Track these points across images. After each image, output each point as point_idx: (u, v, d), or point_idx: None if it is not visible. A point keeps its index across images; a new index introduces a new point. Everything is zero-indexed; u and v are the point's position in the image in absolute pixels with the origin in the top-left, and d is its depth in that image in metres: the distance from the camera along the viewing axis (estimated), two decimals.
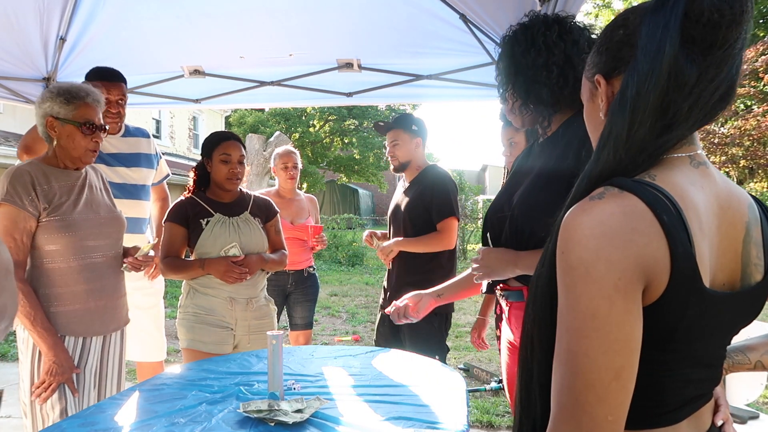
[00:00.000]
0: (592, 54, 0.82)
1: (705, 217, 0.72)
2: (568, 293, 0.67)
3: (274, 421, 1.45)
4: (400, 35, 3.09)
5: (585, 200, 0.70)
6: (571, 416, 0.66)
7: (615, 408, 0.66)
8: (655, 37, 0.68)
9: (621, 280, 0.65)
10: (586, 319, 0.65)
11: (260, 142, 9.01)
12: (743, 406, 2.25)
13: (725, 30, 0.67)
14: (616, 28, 0.78)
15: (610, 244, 0.65)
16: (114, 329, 2.03)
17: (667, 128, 0.70)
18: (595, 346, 0.65)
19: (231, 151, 2.36)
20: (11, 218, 1.78)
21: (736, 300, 0.76)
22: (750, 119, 13.26)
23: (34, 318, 1.77)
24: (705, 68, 0.68)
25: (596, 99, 0.81)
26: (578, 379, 0.66)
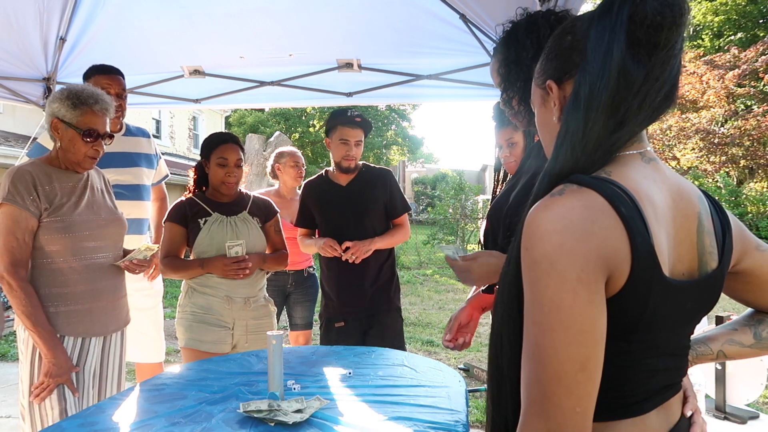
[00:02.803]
0: (542, 61, 0.86)
1: (660, 209, 0.75)
2: (532, 288, 0.69)
3: (274, 421, 1.45)
4: (399, 35, 3.09)
5: (546, 197, 0.72)
6: (540, 409, 0.68)
7: (582, 399, 0.67)
8: (603, 40, 0.72)
9: (584, 272, 0.67)
10: (551, 312, 0.67)
11: (260, 142, 9.02)
12: (743, 406, 2.25)
13: (667, 31, 0.72)
14: (564, 34, 0.81)
15: (572, 237, 0.67)
16: (114, 330, 2.03)
17: (619, 125, 0.74)
18: (560, 338, 0.67)
19: (228, 155, 2.35)
20: (13, 218, 1.79)
21: (696, 288, 0.79)
22: (750, 119, 13.25)
23: (34, 319, 1.77)
24: (651, 68, 0.73)
25: (548, 104, 0.85)
26: (546, 371, 0.67)
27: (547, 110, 0.85)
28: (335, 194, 2.67)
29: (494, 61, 1.44)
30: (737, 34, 17.06)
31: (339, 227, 2.61)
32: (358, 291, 2.61)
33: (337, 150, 2.62)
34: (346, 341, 2.57)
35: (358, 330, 2.65)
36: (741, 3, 16.98)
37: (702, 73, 13.73)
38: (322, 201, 2.69)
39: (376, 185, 2.68)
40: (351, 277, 2.60)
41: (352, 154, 2.60)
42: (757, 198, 12.53)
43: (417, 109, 22.08)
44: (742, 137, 13.27)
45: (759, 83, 13.68)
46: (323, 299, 2.75)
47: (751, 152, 13.48)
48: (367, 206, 2.65)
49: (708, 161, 14.00)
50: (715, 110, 14.01)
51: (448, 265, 1.19)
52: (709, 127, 13.84)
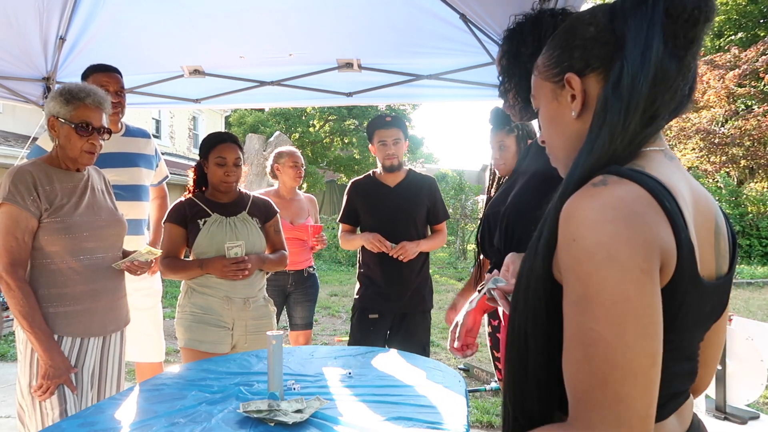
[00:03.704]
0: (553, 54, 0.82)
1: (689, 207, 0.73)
2: (587, 281, 0.64)
3: (274, 421, 1.45)
4: (399, 35, 3.09)
5: (587, 187, 0.69)
6: (607, 414, 0.62)
7: (654, 399, 0.63)
8: (642, 33, 0.71)
9: (646, 262, 0.63)
10: (616, 304, 0.62)
11: (260, 142, 9.02)
12: (743, 406, 2.25)
13: (702, 26, 0.72)
14: (585, 25, 0.78)
15: (628, 227, 0.64)
16: (113, 330, 2.03)
17: (651, 120, 0.73)
18: (631, 331, 0.62)
19: (226, 154, 2.36)
20: (13, 217, 1.78)
21: (713, 291, 0.77)
22: (750, 119, 13.25)
23: (32, 319, 1.76)
24: (684, 62, 0.73)
25: (562, 98, 0.81)
26: (616, 370, 0.61)
27: (561, 105, 0.81)
28: (383, 194, 2.83)
29: (499, 50, 1.45)
30: (738, 34, 17.06)
31: (385, 227, 2.76)
32: (396, 289, 2.75)
33: (379, 152, 2.80)
34: (376, 334, 2.74)
35: (388, 325, 2.80)
36: (741, 3, 16.98)
37: (702, 73, 13.72)
38: (370, 200, 2.85)
39: (422, 190, 2.86)
40: (392, 274, 2.75)
41: (391, 152, 2.77)
42: (757, 198, 12.54)
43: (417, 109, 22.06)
44: (742, 137, 13.27)
45: (759, 83, 13.68)
46: (361, 290, 2.86)
47: (751, 152, 13.48)
48: (413, 209, 2.82)
49: (708, 161, 14.01)
50: (716, 110, 14.01)
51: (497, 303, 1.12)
52: (710, 127, 13.84)
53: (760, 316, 6.83)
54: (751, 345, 2.18)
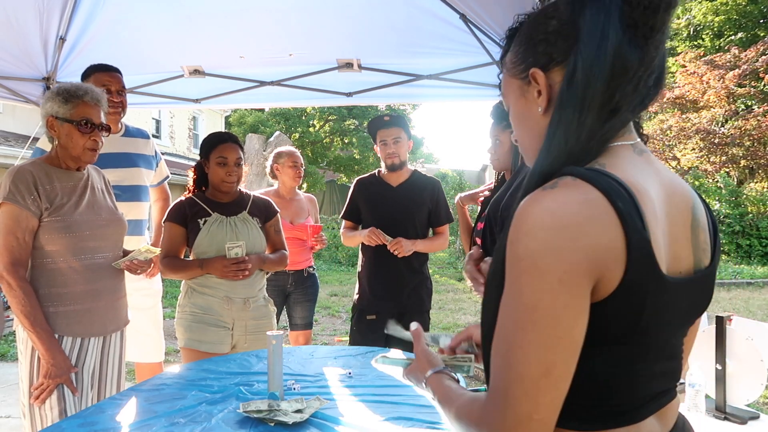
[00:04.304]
0: (519, 49, 0.80)
1: (656, 203, 0.71)
2: (512, 284, 0.66)
3: (274, 421, 1.45)
4: (399, 35, 3.09)
5: (537, 191, 0.68)
6: (497, 408, 0.65)
7: (542, 406, 0.64)
8: (598, 22, 0.68)
9: (567, 273, 0.63)
10: (526, 311, 0.64)
11: (260, 142, 9.02)
12: (743, 406, 2.25)
13: (663, 13, 0.69)
14: (548, 19, 0.76)
15: (561, 235, 0.63)
16: (113, 330, 2.03)
17: (613, 113, 0.70)
18: (530, 339, 0.63)
19: (227, 154, 2.36)
20: (14, 217, 1.79)
21: (692, 287, 0.76)
22: (750, 119, 13.25)
23: (33, 319, 1.76)
24: (646, 52, 0.69)
25: (529, 95, 0.79)
26: (509, 371, 0.65)
27: (528, 101, 0.79)
28: (385, 193, 2.84)
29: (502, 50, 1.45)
30: (738, 34, 17.06)
31: (384, 224, 2.76)
32: (393, 288, 2.76)
33: (381, 152, 2.82)
34: (375, 334, 2.73)
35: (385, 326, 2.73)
36: (741, 3, 16.98)
37: (702, 73, 13.73)
38: (372, 198, 2.87)
39: (425, 191, 2.86)
40: (388, 273, 2.76)
41: (391, 151, 2.78)
42: (757, 198, 12.53)
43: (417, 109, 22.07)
44: (742, 137, 13.27)
45: (759, 83, 13.68)
46: (358, 291, 2.88)
47: (751, 152, 13.47)
48: (413, 209, 2.82)
49: (708, 161, 14.00)
50: (716, 110, 14.00)
51: None
52: (710, 127, 13.83)
53: (760, 316, 6.83)
54: (751, 345, 2.18)
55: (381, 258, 2.74)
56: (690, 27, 18.16)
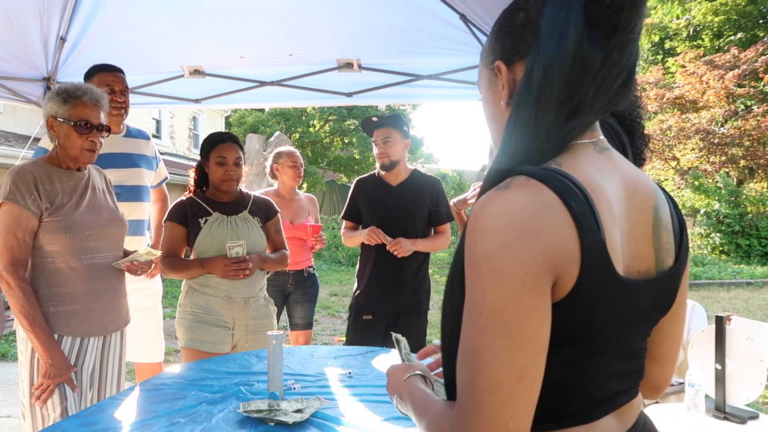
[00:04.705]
0: (490, 39, 0.79)
1: (614, 202, 0.70)
2: (473, 288, 0.64)
3: (274, 421, 1.45)
4: (399, 35, 3.09)
5: (492, 191, 0.67)
6: (469, 419, 0.63)
7: (518, 413, 0.62)
8: (559, 20, 0.66)
9: (528, 275, 0.62)
10: (492, 315, 0.62)
11: (260, 142, 9.02)
12: (743, 406, 2.25)
13: (627, 12, 0.66)
14: (516, 11, 0.74)
15: (518, 237, 0.62)
16: (113, 330, 2.03)
17: (573, 114, 0.68)
18: (499, 344, 0.62)
19: (227, 154, 2.36)
20: (14, 217, 1.79)
21: (652, 288, 0.74)
22: (750, 119, 13.25)
23: (32, 318, 1.77)
24: (609, 52, 0.67)
25: (496, 87, 0.77)
26: (480, 379, 0.62)
27: (495, 93, 0.78)
28: (384, 193, 2.83)
29: None
30: (737, 35, 17.05)
31: (384, 225, 2.75)
32: (391, 288, 2.74)
33: (376, 152, 2.82)
34: (372, 334, 2.72)
35: (383, 326, 2.77)
36: (741, 3, 16.98)
37: (702, 73, 13.73)
38: (371, 198, 2.86)
39: (424, 191, 2.84)
40: (386, 273, 2.74)
41: (380, 151, 2.78)
42: (757, 198, 12.54)
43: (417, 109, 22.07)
44: (742, 137, 13.27)
45: (759, 83, 13.67)
46: (356, 291, 2.87)
47: (751, 152, 13.48)
48: (413, 209, 2.80)
49: (708, 161, 14.00)
50: (715, 110, 14.00)
51: None
52: (709, 127, 13.84)
53: (760, 316, 6.84)
54: (750, 345, 2.18)
55: (379, 258, 2.74)
56: (690, 27, 18.15)
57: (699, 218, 13.29)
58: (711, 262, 11.58)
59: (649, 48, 19.30)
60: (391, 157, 2.77)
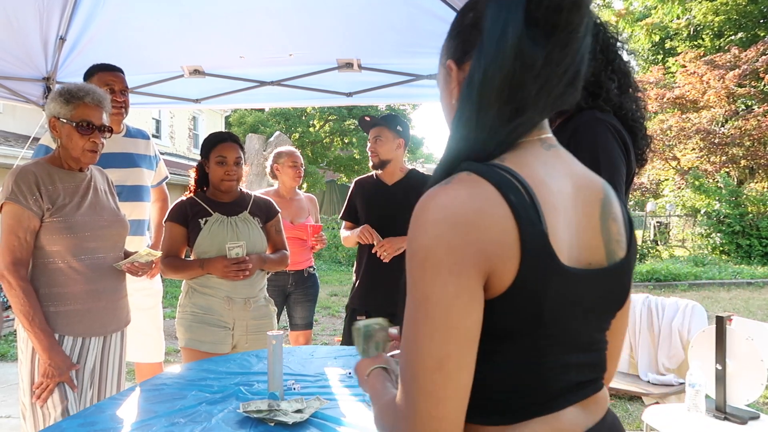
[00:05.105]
0: (446, 39, 0.80)
1: (559, 196, 0.71)
2: (409, 279, 0.66)
3: (274, 421, 1.45)
4: (399, 35, 3.09)
5: (435, 187, 0.69)
6: (401, 408, 0.65)
7: (439, 403, 0.63)
8: (500, 19, 0.67)
9: (457, 265, 0.63)
10: (420, 303, 0.64)
11: (260, 142, 9.02)
12: (743, 406, 2.25)
13: (567, 12, 0.67)
14: (468, 10, 0.76)
15: (452, 229, 0.64)
16: (113, 330, 2.03)
17: (517, 112, 0.69)
18: (422, 331, 0.63)
19: (227, 153, 2.36)
20: (15, 217, 1.79)
21: (604, 278, 0.75)
22: (750, 119, 13.25)
23: (32, 318, 1.77)
24: (550, 51, 0.67)
25: (449, 85, 0.79)
26: (408, 367, 0.64)
27: (448, 92, 0.79)
28: (379, 192, 2.83)
29: None
30: (738, 34, 17.05)
31: (380, 224, 2.75)
32: (384, 287, 2.71)
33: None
34: None
35: None
36: (741, 3, 16.97)
37: (702, 73, 13.72)
38: (367, 197, 2.87)
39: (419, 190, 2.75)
40: (380, 272, 2.72)
41: (371, 150, 2.78)
42: (757, 198, 12.53)
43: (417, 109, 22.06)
44: (742, 137, 13.27)
45: (759, 83, 13.67)
46: (352, 291, 2.86)
47: (751, 152, 13.48)
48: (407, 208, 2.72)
49: (708, 161, 14.00)
50: (716, 110, 14.00)
51: None
52: (710, 127, 13.83)
53: (760, 316, 6.83)
54: (751, 345, 2.18)
55: (373, 257, 2.73)
56: (690, 27, 18.15)
57: (699, 218, 13.29)
58: (711, 262, 11.58)
59: (650, 48, 19.31)
60: (381, 156, 2.75)
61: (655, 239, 15.19)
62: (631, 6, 19.54)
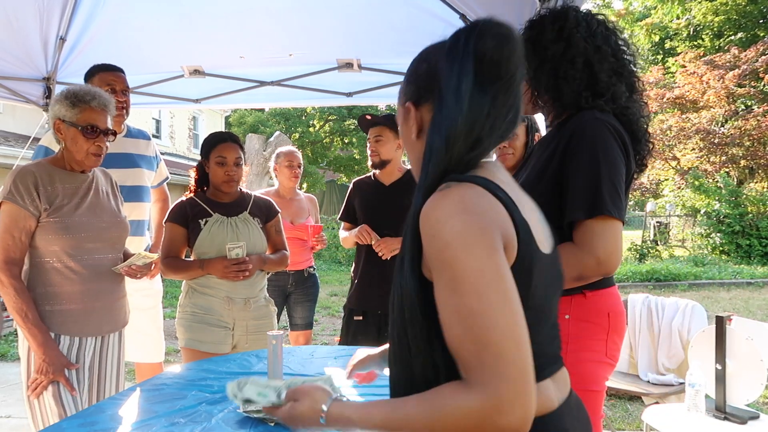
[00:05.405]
0: (403, 83, 0.95)
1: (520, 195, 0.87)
2: (452, 266, 0.74)
3: (274, 421, 1.45)
4: (400, 35, 3.09)
5: (435, 194, 0.80)
6: (493, 369, 0.70)
7: (526, 353, 0.72)
8: (453, 72, 0.82)
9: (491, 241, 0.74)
10: (478, 279, 0.72)
11: (260, 142, 9.02)
12: (743, 406, 2.25)
13: (506, 64, 0.82)
14: (421, 62, 0.92)
15: (476, 215, 0.76)
16: (109, 331, 2.02)
17: (477, 143, 0.83)
18: (493, 298, 0.72)
19: (227, 154, 2.35)
20: (12, 216, 1.80)
21: (554, 263, 0.91)
22: (750, 119, 13.24)
23: (25, 314, 1.78)
24: (495, 95, 0.82)
25: (408, 122, 0.92)
26: (491, 332, 0.71)
27: (407, 128, 0.93)
28: (377, 193, 2.82)
29: None
30: (737, 34, 17.05)
31: (377, 224, 2.74)
32: (381, 288, 2.69)
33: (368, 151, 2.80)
34: (364, 335, 2.69)
35: (375, 326, 2.74)
36: (741, 3, 16.98)
37: (702, 73, 13.72)
38: (365, 198, 2.86)
39: None
40: (376, 273, 2.71)
41: (371, 150, 2.77)
42: (757, 198, 12.53)
43: None
44: (742, 137, 13.27)
45: (759, 83, 13.67)
46: (350, 291, 2.85)
47: (751, 152, 13.47)
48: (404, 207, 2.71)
49: (708, 161, 14.00)
50: (716, 110, 14.00)
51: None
52: (710, 127, 13.83)
53: (760, 316, 6.83)
54: (750, 345, 2.18)
55: (372, 257, 2.71)
56: (690, 27, 18.15)
57: (699, 218, 13.29)
58: (711, 262, 11.58)
59: (650, 48, 19.31)
60: (382, 156, 2.74)
61: (655, 239, 15.19)
62: (631, 6, 19.55)
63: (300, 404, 0.91)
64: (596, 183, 1.25)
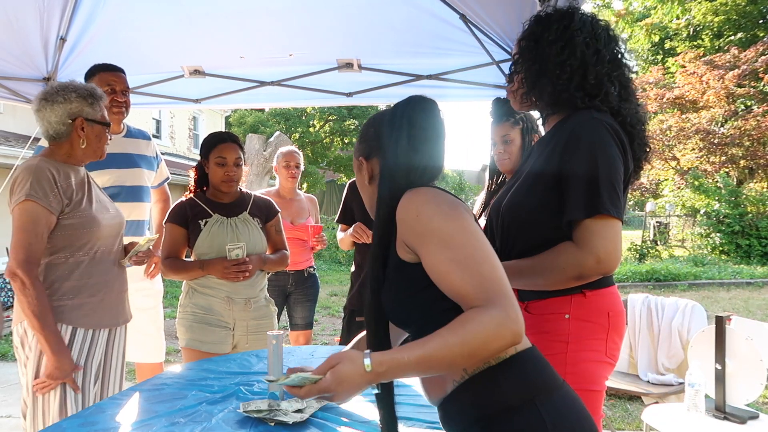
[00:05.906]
0: (357, 142, 1.24)
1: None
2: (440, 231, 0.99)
3: (274, 421, 1.45)
4: (399, 35, 3.09)
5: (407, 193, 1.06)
6: (492, 288, 0.95)
7: (507, 282, 0.98)
8: (392, 137, 1.12)
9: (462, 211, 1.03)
10: (464, 235, 1.00)
11: (260, 142, 9.00)
12: (743, 405, 2.25)
13: (424, 131, 1.12)
14: (369, 126, 1.21)
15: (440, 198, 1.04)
16: (123, 322, 2.07)
17: (419, 177, 1.12)
18: (478, 244, 0.99)
19: (226, 154, 2.35)
20: (35, 215, 1.78)
21: None
22: (750, 119, 13.25)
23: (44, 320, 1.75)
24: (423, 150, 1.12)
25: (362, 172, 1.21)
26: (484, 266, 0.97)
27: (361, 176, 1.22)
28: None
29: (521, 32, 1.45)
30: (737, 35, 17.05)
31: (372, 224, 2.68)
32: None
33: None
34: None
35: None
36: (741, 3, 16.97)
37: (702, 74, 13.72)
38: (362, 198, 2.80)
39: None
40: None
41: None
42: (757, 198, 12.53)
43: None
44: (742, 137, 13.27)
45: (759, 83, 13.67)
46: (350, 292, 2.85)
47: (750, 152, 13.47)
48: None
49: (708, 161, 14.00)
50: (715, 110, 14.00)
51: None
52: (709, 127, 13.84)
53: (760, 316, 6.84)
54: (750, 345, 2.18)
55: (368, 255, 2.72)
56: (690, 27, 18.15)
57: (699, 218, 13.30)
58: (711, 262, 11.58)
59: (649, 48, 19.31)
60: None
61: (654, 239, 15.19)
62: (631, 6, 19.54)
63: (342, 365, 0.96)
64: (595, 182, 1.25)
